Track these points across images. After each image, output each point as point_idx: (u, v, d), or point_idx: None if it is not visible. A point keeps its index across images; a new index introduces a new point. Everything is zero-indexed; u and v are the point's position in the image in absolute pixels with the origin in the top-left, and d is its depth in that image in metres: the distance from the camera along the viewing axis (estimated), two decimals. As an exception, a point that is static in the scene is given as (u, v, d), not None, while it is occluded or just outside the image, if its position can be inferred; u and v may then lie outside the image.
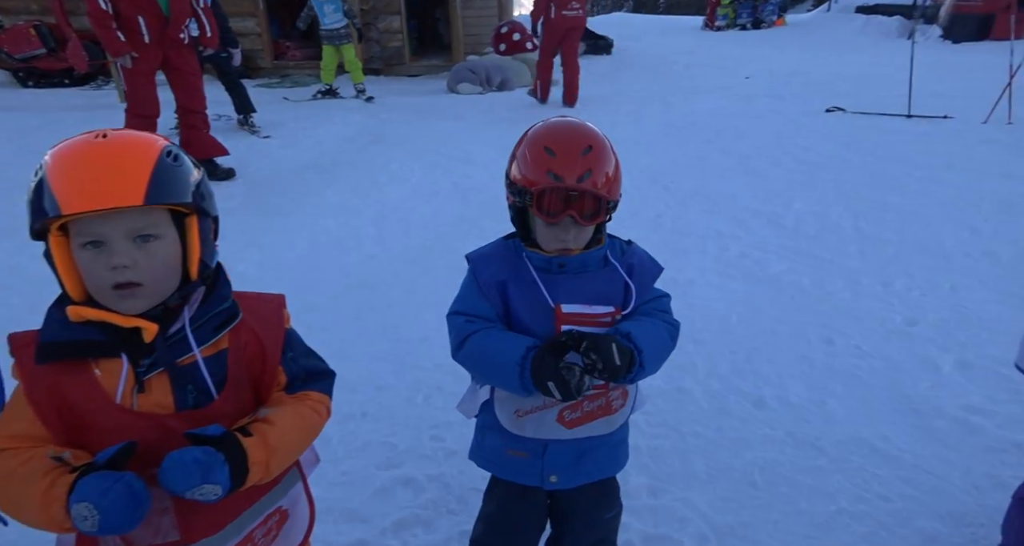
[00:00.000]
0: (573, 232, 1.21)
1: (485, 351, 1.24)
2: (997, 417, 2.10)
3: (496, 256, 1.32)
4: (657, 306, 1.34)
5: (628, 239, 1.39)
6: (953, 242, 3.60)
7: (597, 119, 7.08)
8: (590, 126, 1.26)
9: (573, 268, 1.26)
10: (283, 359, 1.08)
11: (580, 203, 1.18)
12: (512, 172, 1.26)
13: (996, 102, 5.97)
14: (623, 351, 1.14)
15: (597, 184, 1.19)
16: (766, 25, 17.96)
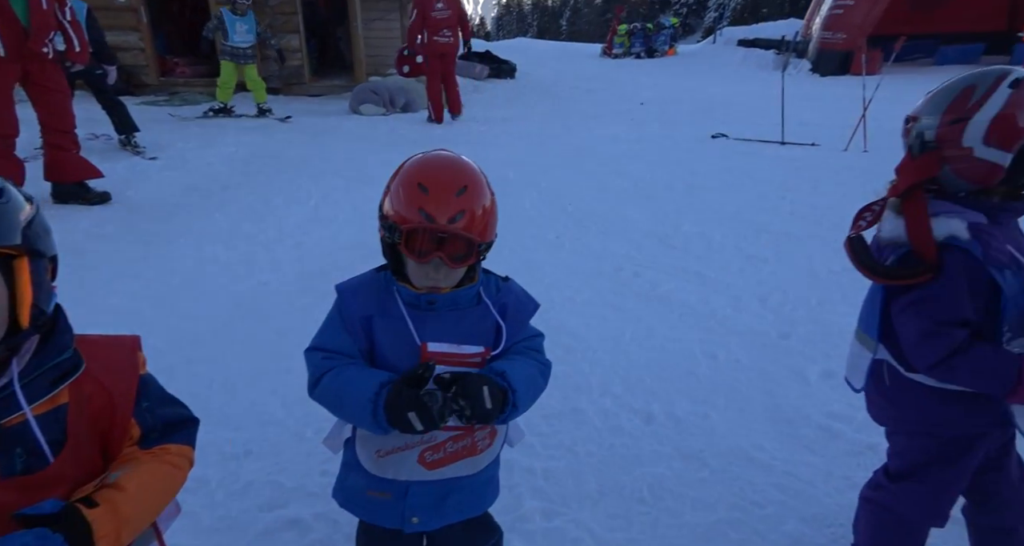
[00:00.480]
0: (444, 271, 1.19)
1: (339, 388, 1.19)
2: (855, 422, 2.30)
3: (365, 289, 1.27)
4: (530, 345, 1.33)
5: (504, 276, 1.38)
6: (820, 259, 3.93)
7: (501, 141, 7.25)
8: (467, 163, 1.24)
9: (443, 306, 1.23)
10: (136, 410, 0.99)
11: (451, 244, 1.15)
12: (384, 206, 1.22)
13: (854, 132, 6.63)
14: (495, 393, 1.13)
15: (470, 226, 1.16)
16: (659, 54, 19.07)
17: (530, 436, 2.36)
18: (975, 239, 1.25)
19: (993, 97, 1.26)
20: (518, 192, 5.44)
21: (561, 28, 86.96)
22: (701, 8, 75.32)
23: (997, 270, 1.23)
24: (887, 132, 6.83)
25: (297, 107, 8.95)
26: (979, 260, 1.24)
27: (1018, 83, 1.25)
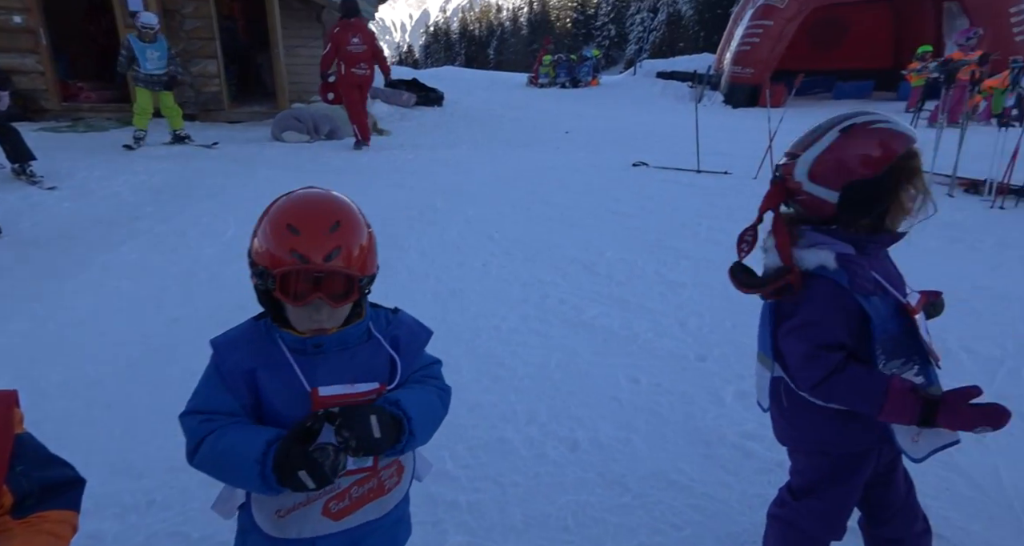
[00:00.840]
0: (326, 312, 1.14)
1: (222, 452, 1.10)
2: (766, 440, 2.40)
3: (244, 340, 1.20)
4: (428, 373, 1.32)
5: (394, 307, 1.35)
6: (734, 283, 4.11)
7: (428, 169, 7.27)
8: (338, 199, 1.20)
9: (332, 347, 1.18)
10: (9, 475, 0.90)
11: (330, 283, 1.11)
12: (253, 252, 1.15)
13: (762, 161, 7.05)
14: (386, 422, 1.10)
15: (348, 262, 1.12)
16: (583, 84, 19.73)
17: (455, 469, 2.33)
18: (842, 268, 1.35)
19: (823, 139, 1.37)
20: (445, 220, 5.44)
21: (489, 57, 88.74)
22: (622, 41, 78.75)
23: (863, 297, 1.33)
24: (792, 161, 7.34)
25: (215, 134, 8.67)
26: (846, 288, 1.33)
27: (848, 129, 1.35)
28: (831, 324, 1.35)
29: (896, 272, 1.46)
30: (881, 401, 1.29)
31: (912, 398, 1.27)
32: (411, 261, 4.50)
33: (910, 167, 1.34)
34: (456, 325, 3.57)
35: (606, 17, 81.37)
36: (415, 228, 5.21)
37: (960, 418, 1.24)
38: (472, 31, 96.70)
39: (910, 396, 1.27)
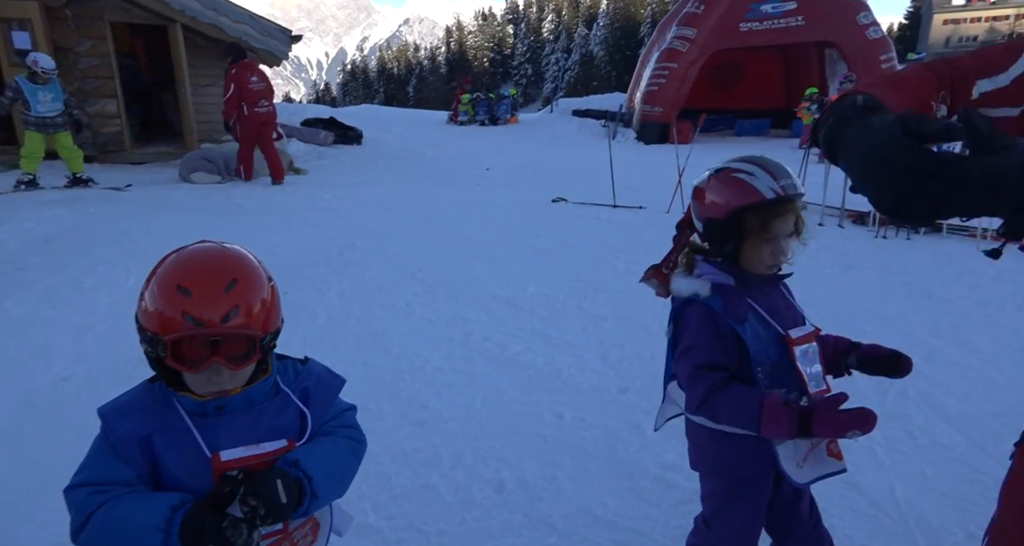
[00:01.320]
0: (227, 374, 1.07)
1: (116, 522, 1.00)
2: (684, 470, 2.44)
3: (136, 406, 1.11)
4: (341, 422, 1.27)
5: (303, 357, 1.30)
6: (651, 315, 4.24)
7: (347, 208, 7.14)
8: (234, 253, 1.13)
9: (236, 407, 1.12)
10: None
11: (229, 345, 1.05)
12: (140, 315, 1.07)
13: (673, 196, 7.40)
14: (290, 484, 1.03)
15: (248, 321, 1.05)
16: (502, 122, 20.18)
17: (377, 520, 2.25)
18: (716, 295, 1.45)
19: (704, 176, 1.52)
20: (365, 260, 5.36)
21: (408, 95, 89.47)
22: (539, 79, 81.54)
23: (737, 322, 1.43)
24: (700, 195, 7.75)
25: (116, 176, 8.23)
26: (719, 313, 1.43)
27: (716, 173, 1.48)
28: (707, 346, 1.45)
29: (786, 306, 1.54)
30: (757, 415, 1.36)
31: (786, 410, 1.34)
32: (330, 303, 4.38)
33: (749, 221, 1.42)
34: (379, 368, 3.49)
35: (522, 57, 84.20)
36: (334, 269, 5.09)
37: (832, 425, 1.31)
38: (391, 69, 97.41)
39: (783, 409, 1.34)
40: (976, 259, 5.38)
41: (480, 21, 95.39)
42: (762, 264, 1.46)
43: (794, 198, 1.41)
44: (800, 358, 1.46)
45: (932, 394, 3.03)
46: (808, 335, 1.50)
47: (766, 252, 1.44)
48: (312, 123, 12.44)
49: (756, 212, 1.41)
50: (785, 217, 1.42)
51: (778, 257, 1.44)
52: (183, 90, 9.50)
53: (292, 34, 10.87)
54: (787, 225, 1.43)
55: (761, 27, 16.88)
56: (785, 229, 1.43)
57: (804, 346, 1.48)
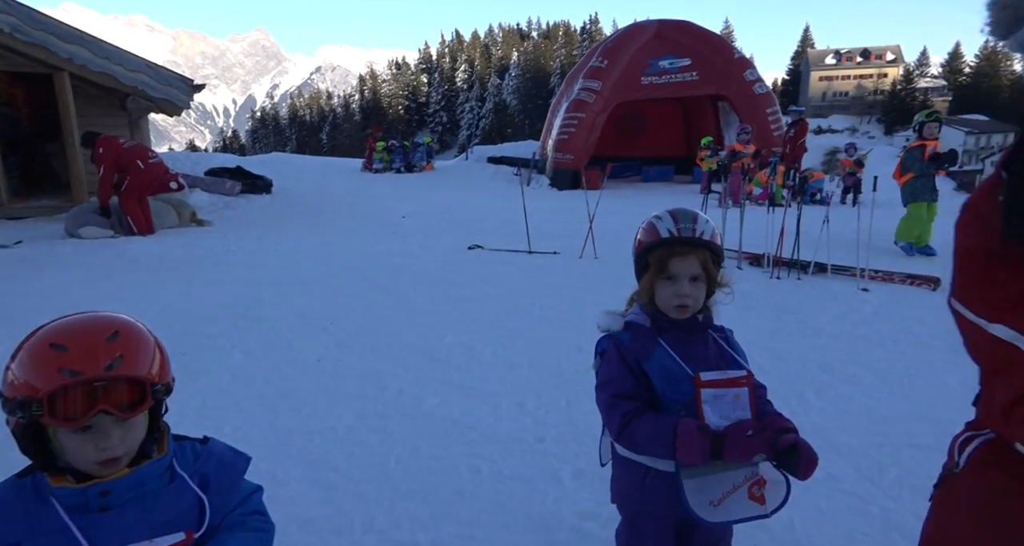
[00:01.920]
0: (116, 434, 0.98)
1: None
2: (602, 518, 2.47)
3: (3, 507, 1.01)
4: (247, 508, 1.19)
5: (203, 436, 1.21)
6: (567, 361, 4.31)
7: (254, 261, 6.86)
8: (113, 314, 1.09)
9: (123, 495, 1.02)
10: None
11: (114, 392, 0.97)
12: (5, 390, 0.98)
13: (585, 241, 7.65)
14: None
15: (135, 369, 0.99)
16: (418, 169, 20.29)
17: (284, 601, 2.10)
18: (626, 331, 1.58)
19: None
20: (274, 315, 5.16)
21: (322, 142, 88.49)
22: (454, 127, 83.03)
23: (642, 358, 1.54)
24: (610, 240, 8.03)
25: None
26: (627, 347, 1.56)
27: (650, 218, 1.63)
28: (620, 376, 1.55)
29: (712, 352, 1.59)
30: (672, 439, 1.42)
31: (699, 435, 1.41)
32: (234, 363, 4.17)
33: (652, 258, 1.57)
34: (286, 431, 3.33)
35: (437, 105, 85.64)
36: (239, 326, 4.87)
37: (741, 449, 1.39)
38: (303, 116, 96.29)
39: (697, 434, 1.41)
40: (857, 297, 5.86)
41: (394, 70, 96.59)
42: (668, 305, 1.54)
43: (688, 241, 1.52)
44: (710, 400, 1.51)
45: (824, 428, 3.22)
46: (728, 380, 1.53)
47: (668, 291, 1.53)
48: (217, 172, 12.02)
49: (656, 250, 1.55)
50: (683, 258, 1.52)
51: (681, 298, 1.52)
52: (70, 140, 8.96)
53: (194, 83, 10.58)
54: (686, 267, 1.52)
55: (660, 81, 18.08)
56: (684, 270, 1.52)
57: (718, 390, 1.51)
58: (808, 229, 6.96)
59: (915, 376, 3.94)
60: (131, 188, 7.96)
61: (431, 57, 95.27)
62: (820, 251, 6.68)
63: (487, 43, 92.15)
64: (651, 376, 1.52)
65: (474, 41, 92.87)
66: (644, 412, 1.51)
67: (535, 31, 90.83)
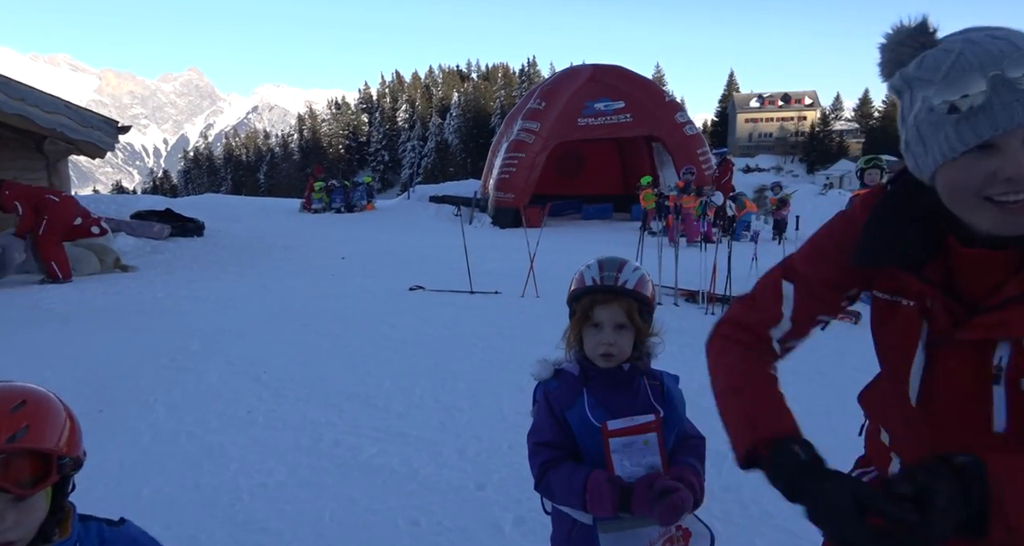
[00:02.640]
0: (11, 517, 0.92)
1: None
2: (543, 569, 2.41)
3: None
4: None
5: (118, 518, 1.14)
6: (508, 403, 4.27)
7: (184, 308, 6.57)
8: (22, 384, 1.04)
9: None
10: None
11: (15, 468, 0.91)
12: None
13: (526, 280, 7.70)
14: None
15: (41, 441, 0.94)
16: (358, 209, 20.10)
17: None
18: (554, 379, 1.59)
19: None
20: (202, 365, 4.92)
21: (259, 182, 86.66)
22: (396, 166, 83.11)
23: (565, 407, 1.54)
24: (552, 278, 8.10)
25: None
26: (552, 395, 1.57)
27: (582, 267, 1.64)
28: (544, 423, 1.56)
29: (633, 400, 1.58)
30: (581, 490, 1.42)
31: (608, 487, 1.41)
32: (157, 418, 3.93)
33: (578, 306, 1.58)
34: (212, 489, 3.13)
35: (379, 144, 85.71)
36: (164, 378, 4.61)
37: (645, 502, 1.39)
38: (239, 156, 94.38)
39: (606, 485, 1.41)
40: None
41: (334, 109, 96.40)
42: (594, 353, 1.54)
43: (611, 290, 1.53)
44: (620, 449, 1.50)
45: (760, 461, 3.28)
46: (636, 427, 1.52)
47: (594, 340, 1.54)
48: (145, 215, 11.56)
49: (581, 298, 1.56)
50: (607, 306, 1.53)
51: (605, 347, 1.52)
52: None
53: (119, 125, 10.23)
54: (610, 315, 1.52)
55: (596, 122, 18.73)
56: (609, 318, 1.52)
57: (627, 438, 1.50)
58: (738, 265, 7.24)
59: (840, 409, 4.08)
60: (52, 225, 7.56)
61: (371, 97, 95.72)
62: (750, 287, 6.93)
63: (428, 84, 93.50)
64: (572, 425, 1.52)
65: (415, 81, 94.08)
66: (563, 462, 1.50)
67: (475, 72, 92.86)
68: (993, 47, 0.89)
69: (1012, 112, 0.87)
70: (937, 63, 0.93)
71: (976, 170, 0.91)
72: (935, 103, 0.92)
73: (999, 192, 0.91)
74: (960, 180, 0.94)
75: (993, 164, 0.90)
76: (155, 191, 72.92)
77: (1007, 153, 0.89)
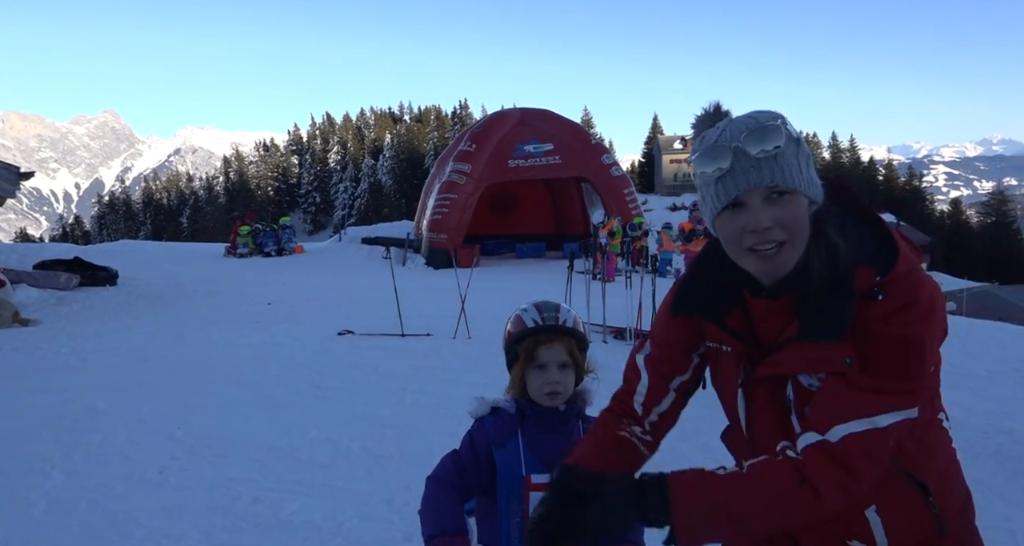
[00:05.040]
0: None
1: None
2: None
3: None
4: None
5: None
6: (439, 448, 4.08)
7: (89, 363, 6.19)
8: None
9: None
10: None
11: None
12: None
13: (458, 322, 7.66)
14: None
15: None
16: (287, 252, 19.63)
17: None
18: (490, 416, 1.61)
19: None
20: (109, 425, 4.60)
21: (182, 227, 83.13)
22: (329, 207, 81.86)
23: (496, 446, 1.57)
24: (485, 319, 8.10)
25: None
26: (484, 430, 1.60)
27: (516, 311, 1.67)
28: (467, 452, 1.60)
29: (567, 443, 1.55)
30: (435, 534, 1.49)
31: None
32: (54, 486, 3.61)
33: (520, 348, 1.59)
34: (113, 563, 2.89)
35: (310, 185, 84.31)
36: (64, 442, 4.26)
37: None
38: (159, 200, 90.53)
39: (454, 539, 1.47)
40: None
41: (262, 151, 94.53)
42: (540, 393, 1.57)
43: (553, 329, 1.58)
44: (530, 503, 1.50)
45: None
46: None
47: (539, 380, 1.56)
48: (50, 265, 10.86)
49: (523, 340, 1.58)
50: (550, 346, 1.57)
51: (552, 385, 1.55)
52: None
53: (21, 171, 9.68)
54: (554, 355, 1.56)
55: (527, 164, 19.20)
56: (553, 358, 1.56)
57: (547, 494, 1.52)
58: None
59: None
60: None
61: (301, 139, 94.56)
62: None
63: (360, 125, 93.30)
64: (498, 464, 1.54)
65: (346, 123, 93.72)
66: (442, 492, 1.56)
67: (407, 114, 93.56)
68: (739, 123, 1.10)
69: (749, 176, 1.07)
70: (706, 138, 1.14)
71: (734, 224, 1.11)
72: (701, 169, 1.13)
73: (752, 243, 1.09)
74: (726, 233, 1.13)
75: (743, 219, 1.09)
76: (65, 238, 68.59)
77: (751, 209, 1.08)
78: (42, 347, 6.87)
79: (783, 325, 1.16)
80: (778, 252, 1.09)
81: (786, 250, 1.09)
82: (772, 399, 1.19)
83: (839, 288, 1.09)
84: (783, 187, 1.07)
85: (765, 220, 1.07)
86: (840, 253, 1.11)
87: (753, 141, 1.07)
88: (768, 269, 1.11)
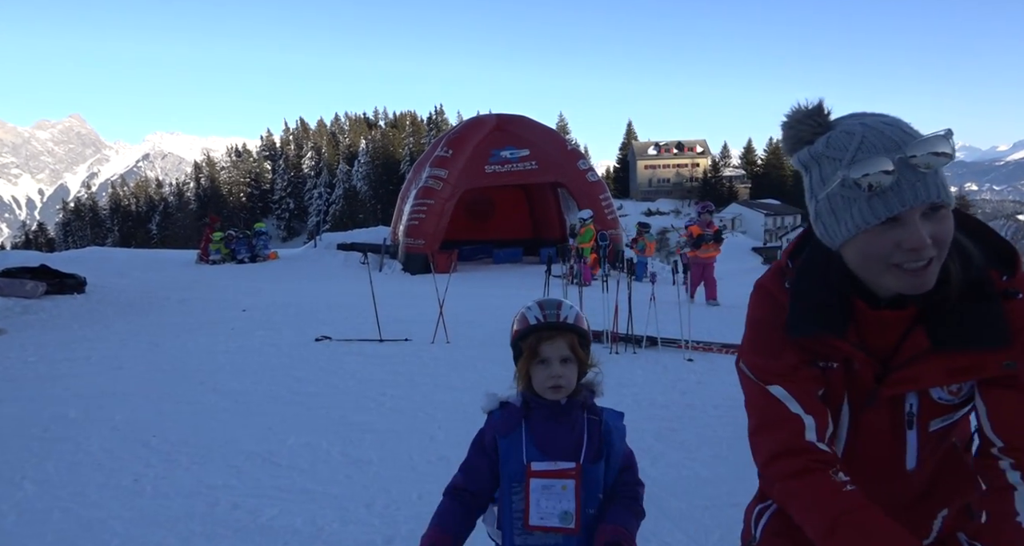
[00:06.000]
0: None
1: None
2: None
3: None
4: None
5: None
6: (418, 452, 4.19)
7: (59, 372, 6.08)
8: None
9: None
10: None
11: None
12: None
13: (436, 326, 7.67)
14: None
15: None
16: (261, 258, 19.38)
17: None
18: (499, 410, 1.68)
19: None
20: (82, 433, 4.51)
21: (151, 233, 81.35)
22: (303, 213, 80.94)
23: (501, 436, 1.62)
24: (463, 324, 8.13)
25: None
26: (492, 423, 1.66)
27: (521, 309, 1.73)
28: (474, 452, 1.66)
29: (569, 435, 1.62)
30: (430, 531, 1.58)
31: None
32: (24, 496, 3.54)
33: (524, 345, 1.65)
34: (88, 572, 2.85)
35: (283, 191, 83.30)
36: (35, 452, 4.18)
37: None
38: (127, 206, 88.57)
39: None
40: (684, 367, 6.40)
41: (234, 157, 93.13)
42: (544, 387, 1.62)
43: (555, 326, 1.63)
44: (539, 490, 1.55)
45: (659, 496, 3.38)
46: (561, 471, 1.57)
47: (543, 374, 1.61)
48: (15, 272, 10.58)
49: (527, 337, 1.64)
50: (552, 342, 1.62)
51: (554, 379, 1.60)
52: None
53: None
54: (556, 350, 1.62)
55: (503, 170, 19.25)
56: (555, 353, 1.61)
57: (549, 481, 1.56)
58: (639, 305, 7.57)
59: (732, 438, 4.32)
60: None
61: (275, 144, 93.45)
62: (651, 326, 7.25)
63: (334, 131, 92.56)
64: (501, 451, 1.60)
65: (320, 129, 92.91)
66: (455, 496, 1.64)
67: (383, 120, 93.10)
68: (889, 132, 1.04)
69: (916, 191, 1.00)
70: (843, 144, 1.05)
71: (884, 240, 1.04)
72: (852, 179, 1.02)
73: (903, 259, 1.03)
74: (871, 249, 1.06)
75: (897, 235, 1.02)
76: (28, 245, 66.80)
77: (910, 226, 1.01)
78: (9, 356, 6.69)
79: (899, 336, 1.13)
80: (927, 267, 1.04)
81: (934, 265, 1.04)
82: (888, 416, 1.17)
83: (981, 293, 1.07)
84: (942, 202, 1.02)
85: (926, 237, 1.01)
86: (974, 259, 1.09)
87: (928, 152, 0.99)
88: (916, 284, 1.05)
